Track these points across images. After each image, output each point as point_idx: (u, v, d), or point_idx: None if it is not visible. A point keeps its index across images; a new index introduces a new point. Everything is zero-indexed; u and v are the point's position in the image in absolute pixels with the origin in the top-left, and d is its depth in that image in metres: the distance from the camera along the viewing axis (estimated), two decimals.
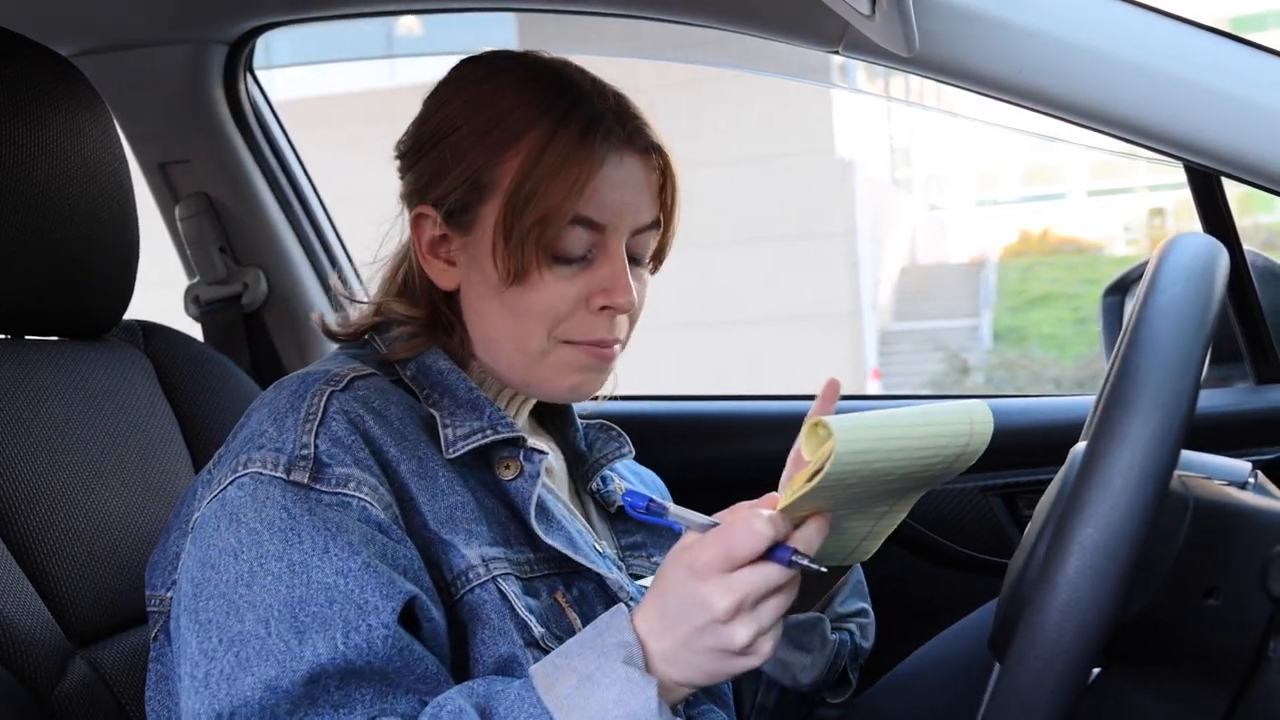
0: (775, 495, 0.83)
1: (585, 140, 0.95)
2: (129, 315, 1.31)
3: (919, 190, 21.84)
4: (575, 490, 1.13)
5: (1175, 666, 0.83)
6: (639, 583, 1.06)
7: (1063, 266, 19.09)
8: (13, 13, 1.48)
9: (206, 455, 1.01)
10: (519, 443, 0.99)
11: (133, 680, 1.07)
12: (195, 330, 1.74)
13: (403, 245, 1.06)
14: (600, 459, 1.12)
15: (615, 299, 0.98)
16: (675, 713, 0.83)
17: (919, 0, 1.07)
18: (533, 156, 0.95)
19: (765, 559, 0.79)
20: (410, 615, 0.87)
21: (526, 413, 1.08)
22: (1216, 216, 1.35)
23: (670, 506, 0.85)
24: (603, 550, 1.05)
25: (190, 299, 1.78)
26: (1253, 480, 0.85)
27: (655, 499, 0.85)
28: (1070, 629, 0.67)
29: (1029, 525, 0.86)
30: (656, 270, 1.06)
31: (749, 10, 1.27)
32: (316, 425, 0.91)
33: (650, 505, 0.85)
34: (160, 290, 2.03)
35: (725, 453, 1.70)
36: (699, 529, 0.82)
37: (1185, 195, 1.37)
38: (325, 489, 0.89)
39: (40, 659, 1.02)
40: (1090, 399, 1.49)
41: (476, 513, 0.95)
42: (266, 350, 1.78)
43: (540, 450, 1.00)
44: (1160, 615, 0.80)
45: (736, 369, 11.16)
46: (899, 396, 2.88)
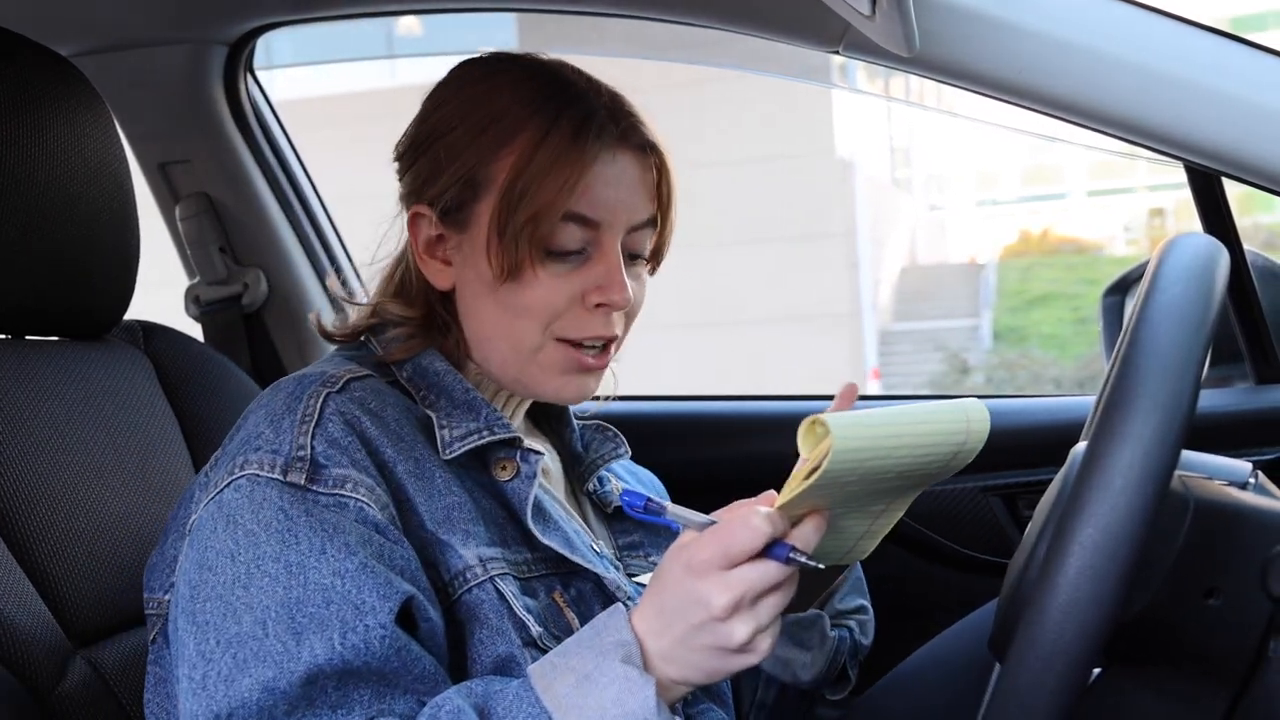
0: (773, 493, 0.83)
1: (578, 137, 0.96)
2: (129, 315, 1.31)
3: (919, 190, 21.83)
4: (572, 491, 1.13)
5: (1175, 666, 0.83)
6: (636, 580, 1.06)
7: (1063, 266, 19.09)
8: (13, 13, 1.48)
9: (206, 455, 1.01)
10: (515, 444, 0.99)
11: (133, 680, 1.07)
12: (195, 330, 1.74)
13: (402, 246, 1.06)
14: (597, 459, 1.12)
15: (610, 296, 0.98)
16: (674, 711, 0.83)
17: (919, 0, 1.07)
18: (526, 154, 0.95)
19: (763, 556, 0.78)
20: (408, 615, 0.87)
21: (523, 414, 1.08)
22: (1217, 216, 1.35)
23: (668, 505, 0.85)
24: (600, 550, 1.05)
25: (190, 299, 1.78)
26: (1253, 480, 0.85)
27: (653, 498, 0.85)
28: (1070, 629, 0.67)
29: (1029, 525, 0.86)
30: (655, 270, 1.06)
31: (750, 11, 1.27)
32: (313, 427, 0.91)
33: (648, 504, 0.85)
34: (160, 290, 2.03)
35: (725, 453, 1.70)
36: (697, 527, 0.82)
37: (1185, 195, 1.37)
38: (322, 490, 0.89)
39: (40, 659, 1.02)
40: (1090, 399, 1.49)
41: (474, 513, 0.95)
42: (267, 350, 1.78)
43: (536, 451, 1.00)
44: (1160, 615, 0.80)
45: (737, 369, 11.16)
46: (899, 397, 2.88)
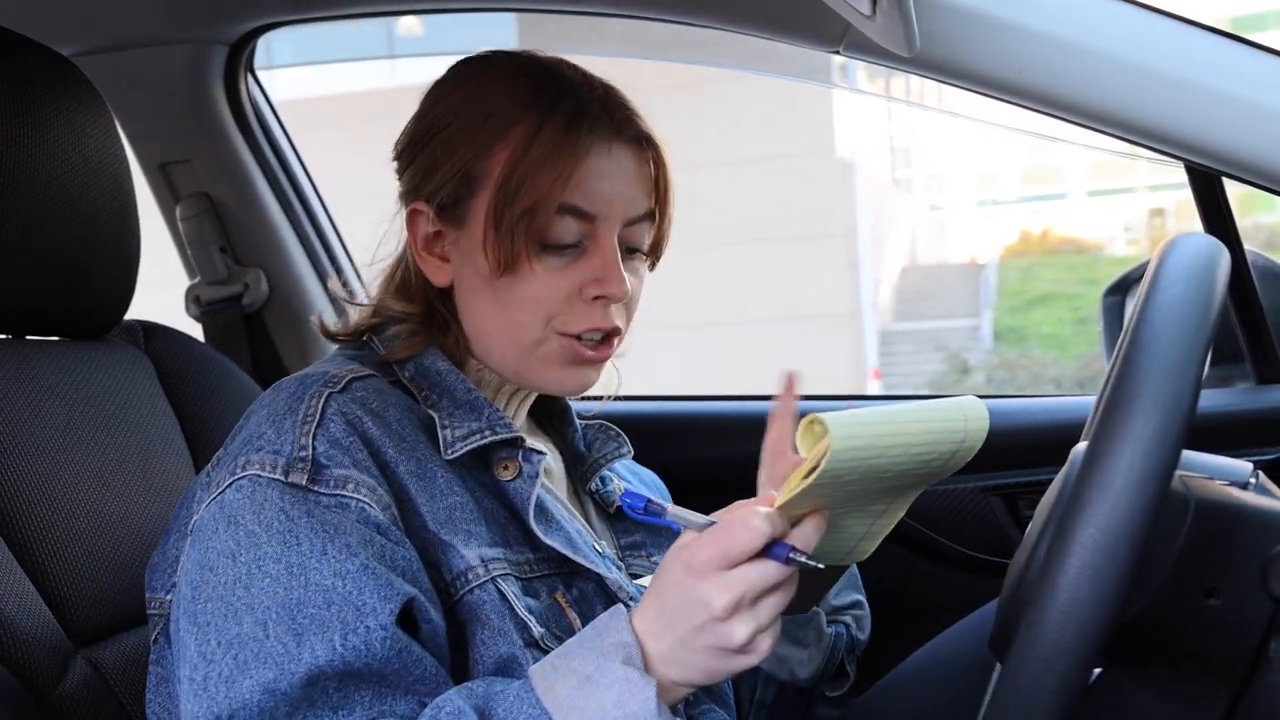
0: (773, 493, 0.83)
1: (571, 130, 0.96)
2: (129, 315, 1.31)
3: (919, 190, 21.84)
4: (574, 490, 1.13)
5: (1176, 667, 0.83)
6: (638, 582, 1.06)
7: (1063, 266, 19.09)
8: (13, 13, 1.48)
9: (207, 455, 1.01)
10: (518, 443, 0.99)
11: (134, 680, 1.07)
12: (196, 330, 1.74)
13: (403, 245, 1.06)
14: (599, 459, 1.13)
15: (608, 288, 0.98)
16: (675, 712, 0.83)
17: (920, 0, 1.07)
18: (520, 147, 0.95)
19: (763, 556, 0.78)
20: (409, 616, 0.87)
21: (525, 412, 1.08)
22: (1217, 216, 1.35)
23: (668, 506, 0.85)
24: (602, 550, 1.05)
25: (191, 299, 1.78)
26: (1254, 480, 0.85)
27: (654, 499, 0.85)
28: (1071, 629, 0.67)
29: (1030, 525, 0.86)
30: (654, 266, 1.06)
31: (750, 10, 1.27)
32: (314, 427, 0.91)
33: (649, 505, 0.85)
34: (161, 290, 2.03)
35: (725, 453, 1.70)
36: (697, 528, 0.82)
37: (1186, 195, 1.37)
38: (324, 490, 0.89)
39: (41, 659, 1.02)
40: (1091, 399, 1.49)
41: (475, 513, 0.95)
42: (267, 350, 1.78)
43: (539, 451, 1.00)
44: (1161, 615, 0.80)
45: (737, 369, 11.15)
46: (899, 397, 2.88)
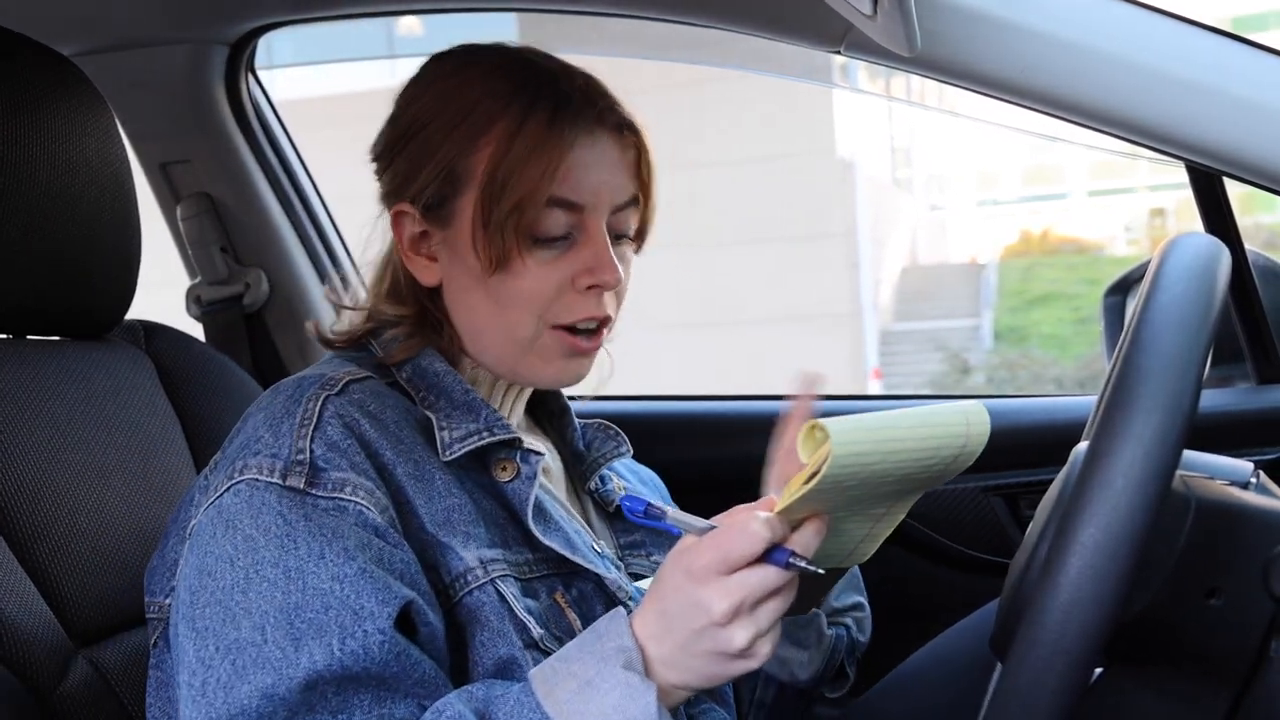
0: (773, 498, 0.83)
1: (555, 123, 0.96)
2: (130, 315, 1.31)
3: (920, 190, 21.83)
4: (574, 490, 1.13)
5: (1176, 667, 0.83)
6: (638, 584, 1.06)
7: (1063, 266, 19.09)
8: (13, 13, 1.48)
9: (208, 455, 1.01)
10: (515, 444, 0.99)
11: (135, 680, 1.07)
12: (197, 330, 1.74)
13: (389, 248, 1.05)
14: (598, 458, 1.12)
15: (601, 277, 0.98)
16: (675, 714, 0.83)
17: (921, 0, 1.07)
18: (504, 143, 0.95)
19: (763, 561, 0.78)
20: (407, 619, 0.87)
21: (521, 409, 1.08)
22: (1218, 216, 1.36)
23: (668, 510, 0.85)
24: (601, 550, 1.05)
25: (192, 299, 1.78)
26: (1254, 480, 0.85)
27: (653, 503, 0.85)
28: (1072, 629, 0.67)
29: (1030, 525, 0.86)
30: (640, 249, 1.06)
31: (751, 10, 1.27)
32: (312, 430, 0.91)
33: (649, 509, 0.85)
34: (160, 291, 2.02)
35: (725, 453, 1.70)
36: (697, 532, 0.82)
37: (1186, 195, 1.37)
38: (321, 494, 0.89)
39: (42, 659, 1.02)
40: (1091, 399, 1.49)
41: (474, 515, 0.95)
42: (268, 350, 1.78)
43: (537, 451, 1.00)
44: (1162, 615, 0.80)
45: (737, 369, 11.15)
46: (899, 397, 2.88)
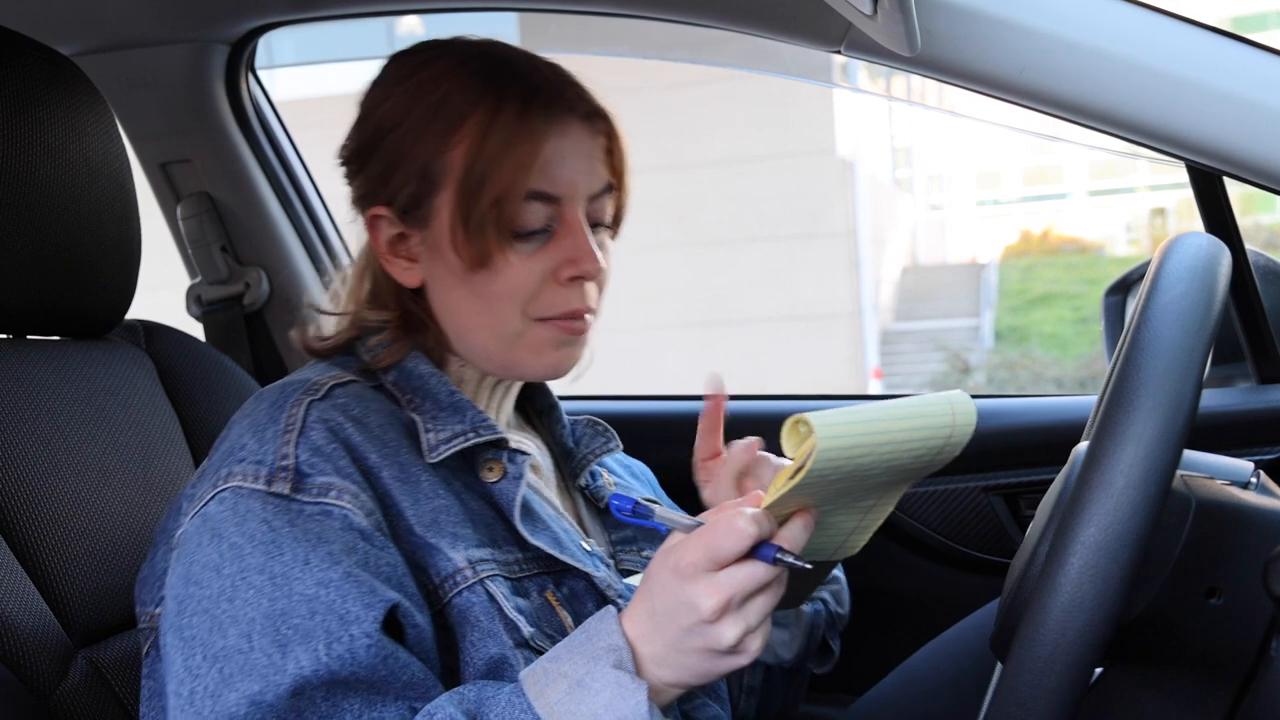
0: (760, 493, 0.83)
1: (526, 115, 0.95)
2: (130, 315, 1.31)
3: (920, 190, 21.84)
4: (565, 486, 1.12)
5: (1177, 666, 0.83)
6: (628, 581, 1.06)
7: (1064, 266, 19.11)
8: (13, 12, 1.48)
9: (208, 455, 1.01)
10: (502, 444, 0.99)
11: (135, 679, 1.07)
12: (197, 330, 1.74)
13: (365, 252, 1.05)
14: (588, 454, 1.12)
15: (583, 267, 0.98)
16: (666, 712, 0.83)
17: (921, 0, 1.07)
18: (477, 139, 0.95)
19: (750, 557, 0.78)
20: (394, 622, 0.87)
21: (509, 408, 1.08)
22: (1218, 216, 1.35)
23: (656, 508, 0.84)
24: (590, 548, 1.05)
25: (192, 299, 1.78)
26: (1255, 480, 0.85)
27: (641, 501, 0.85)
28: (1072, 629, 0.67)
29: (1031, 525, 0.86)
30: (617, 235, 1.05)
31: (751, 10, 1.27)
32: (296, 435, 0.91)
33: (636, 507, 0.84)
34: (160, 292, 2.03)
35: None
36: (684, 529, 0.82)
37: (1187, 195, 1.37)
38: (306, 499, 0.89)
39: (42, 658, 1.02)
40: (1092, 399, 1.49)
41: (461, 515, 0.95)
42: (268, 350, 1.78)
43: (523, 451, 1.00)
44: (1162, 615, 0.80)
45: (737, 369, 11.16)
46: (899, 396, 2.87)
